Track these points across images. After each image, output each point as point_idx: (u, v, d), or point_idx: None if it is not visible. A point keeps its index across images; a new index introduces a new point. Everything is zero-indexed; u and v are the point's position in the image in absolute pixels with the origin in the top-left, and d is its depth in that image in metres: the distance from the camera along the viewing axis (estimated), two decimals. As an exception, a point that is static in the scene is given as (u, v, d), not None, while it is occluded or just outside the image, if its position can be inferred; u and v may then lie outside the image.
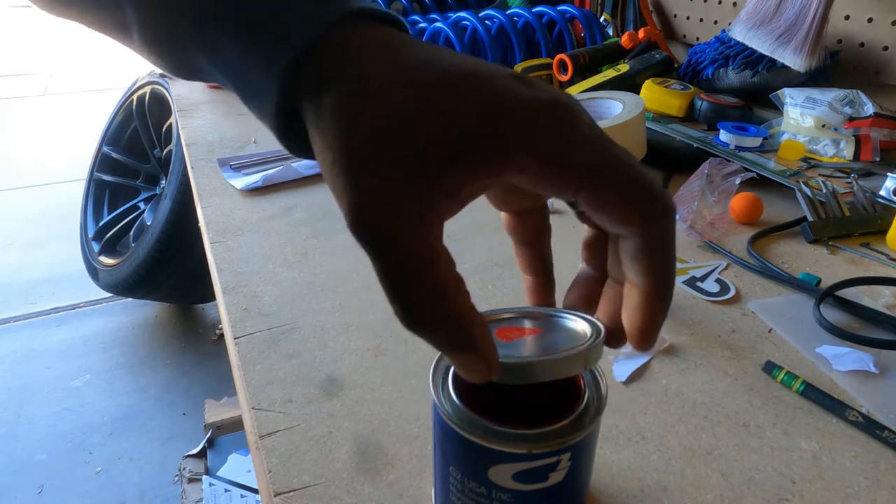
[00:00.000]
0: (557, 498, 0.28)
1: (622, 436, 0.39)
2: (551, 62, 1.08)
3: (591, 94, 0.87)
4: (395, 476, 0.36)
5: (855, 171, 0.77)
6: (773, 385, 0.44)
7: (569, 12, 1.16)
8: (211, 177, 0.80)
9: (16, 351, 1.89)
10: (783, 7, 0.90)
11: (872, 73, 0.93)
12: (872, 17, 0.91)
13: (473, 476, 0.27)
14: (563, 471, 0.27)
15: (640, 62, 1.02)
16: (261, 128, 1.01)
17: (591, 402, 0.28)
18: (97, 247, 1.93)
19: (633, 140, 0.79)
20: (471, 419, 0.26)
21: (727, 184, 0.67)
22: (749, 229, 0.66)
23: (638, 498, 0.35)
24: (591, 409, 0.28)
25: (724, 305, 0.53)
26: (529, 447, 0.25)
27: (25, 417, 1.64)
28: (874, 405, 0.42)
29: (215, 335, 1.94)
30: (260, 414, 0.41)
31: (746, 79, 0.96)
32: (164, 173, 1.87)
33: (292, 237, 0.65)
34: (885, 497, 0.35)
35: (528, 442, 0.25)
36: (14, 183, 3.05)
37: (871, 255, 0.62)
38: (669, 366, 0.46)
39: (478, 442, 0.26)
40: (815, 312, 0.51)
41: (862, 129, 0.79)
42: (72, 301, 2.12)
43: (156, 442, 1.57)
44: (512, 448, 0.25)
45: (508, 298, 0.54)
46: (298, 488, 0.36)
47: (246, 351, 0.47)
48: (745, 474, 0.37)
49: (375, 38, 0.23)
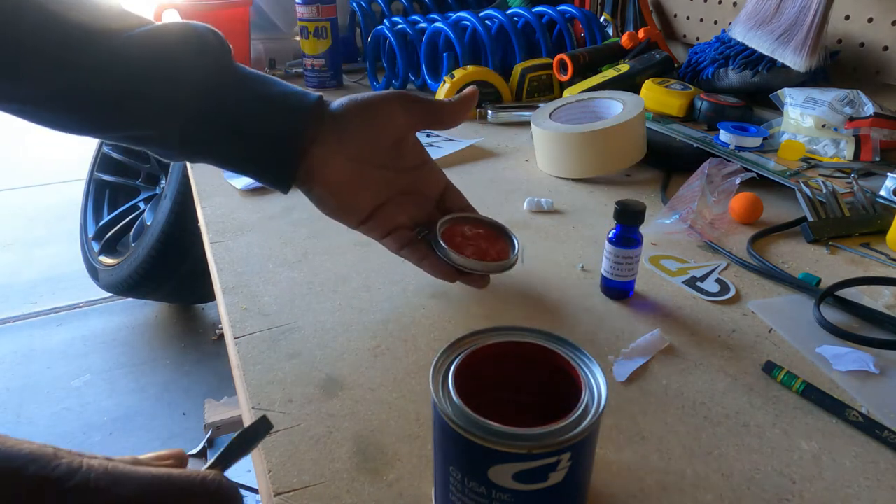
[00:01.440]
0: (557, 497, 0.28)
1: (622, 436, 0.39)
2: (551, 62, 1.08)
3: (591, 94, 0.87)
4: (395, 476, 0.36)
5: (855, 171, 0.77)
6: (773, 385, 0.44)
7: (569, 12, 1.16)
8: (211, 177, 0.80)
9: (16, 351, 1.89)
10: (783, 7, 0.90)
11: (872, 73, 0.93)
12: (872, 17, 0.91)
13: (473, 476, 0.27)
14: (564, 471, 0.27)
15: (640, 62, 1.02)
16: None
17: (590, 401, 0.28)
18: (97, 247, 1.93)
19: (633, 140, 0.79)
20: (471, 419, 0.26)
21: (727, 184, 0.67)
22: (749, 229, 0.66)
23: (638, 498, 0.35)
24: (591, 408, 0.28)
25: (724, 305, 0.53)
26: (529, 447, 0.25)
27: (25, 417, 1.64)
28: (874, 405, 0.42)
29: (215, 335, 1.94)
30: (260, 414, 0.41)
31: (746, 79, 0.96)
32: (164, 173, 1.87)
33: (292, 237, 0.65)
34: (885, 497, 0.35)
35: (527, 442, 0.25)
36: (14, 183, 3.05)
37: (871, 255, 0.62)
38: (669, 366, 0.46)
39: (477, 442, 0.26)
40: (815, 312, 0.51)
41: (862, 129, 0.79)
42: (72, 301, 2.12)
43: (156, 442, 1.57)
44: (512, 448, 0.25)
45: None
46: (298, 488, 0.36)
47: (246, 351, 0.47)
48: (745, 474, 0.37)
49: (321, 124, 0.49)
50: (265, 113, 0.46)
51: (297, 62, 1.36)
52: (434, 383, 0.28)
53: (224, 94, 0.46)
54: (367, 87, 1.27)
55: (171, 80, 0.44)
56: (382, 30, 1.16)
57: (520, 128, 1.01)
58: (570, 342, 0.31)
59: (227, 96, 0.46)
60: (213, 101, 0.46)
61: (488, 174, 0.82)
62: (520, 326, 0.32)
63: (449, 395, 0.28)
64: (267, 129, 0.47)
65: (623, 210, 0.51)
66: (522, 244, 0.57)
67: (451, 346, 0.31)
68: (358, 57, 1.42)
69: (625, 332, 0.49)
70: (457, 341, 0.31)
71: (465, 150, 0.89)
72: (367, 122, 0.48)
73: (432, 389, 0.28)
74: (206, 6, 1.17)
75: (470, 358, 0.30)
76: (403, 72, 1.17)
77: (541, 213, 0.71)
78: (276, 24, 1.39)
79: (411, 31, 1.15)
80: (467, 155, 0.88)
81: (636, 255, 0.52)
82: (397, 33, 1.14)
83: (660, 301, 0.54)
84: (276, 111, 0.47)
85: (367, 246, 0.60)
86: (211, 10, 1.18)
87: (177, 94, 0.44)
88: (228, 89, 0.46)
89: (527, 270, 0.58)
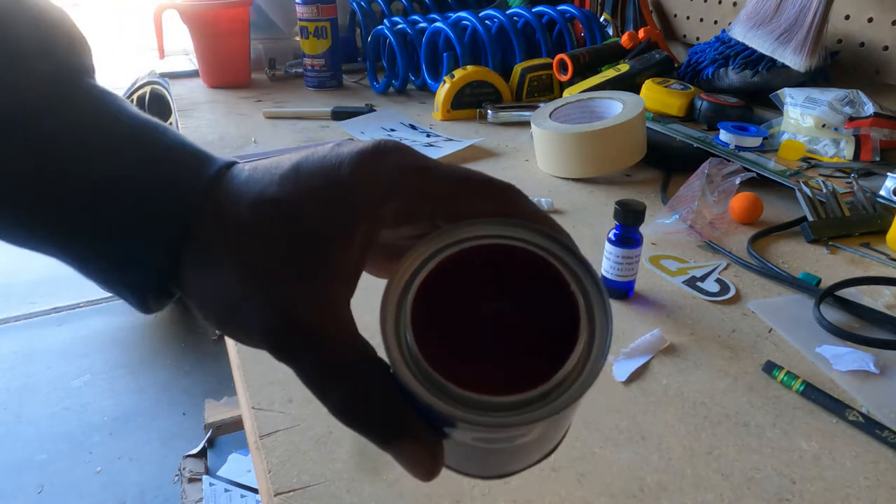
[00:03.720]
0: (525, 452, 0.24)
1: (622, 436, 0.39)
2: (551, 62, 1.08)
3: (591, 94, 0.87)
4: (395, 476, 0.36)
5: (855, 170, 0.77)
6: (773, 385, 0.44)
7: (569, 12, 1.16)
8: (211, 177, 0.80)
9: (16, 351, 1.89)
10: (783, 7, 0.90)
11: (872, 72, 0.93)
12: (872, 17, 0.91)
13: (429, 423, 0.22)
14: (534, 435, 0.22)
15: (640, 62, 1.02)
16: (261, 127, 1.01)
17: (583, 359, 0.20)
18: (97, 247, 1.93)
19: (633, 140, 0.79)
20: (430, 378, 0.20)
21: (727, 184, 0.67)
22: (749, 229, 0.66)
23: (638, 498, 0.35)
24: (584, 370, 0.20)
25: (724, 305, 0.53)
26: (500, 423, 0.20)
27: (25, 417, 1.64)
28: (874, 405, 0.42)
29: (215, 335, 1.94)
30: (260, 414, 0.41)
31: (746, 79, 0.96)
32: (164, 173, 1.87)
33: (292, 237, 0.65)
34: (885, 497, 0.35)
35: (499, 416, 0.19)
36: (14, 183, 3.05)
37: (871, 255, 0.61)
38: (669, 366, 0.46)
39: (434, 407, 0.20)
40: (815, 312, 0.51)
41: (862, 129, 0.79)
42: (72, 301, 2.12)
43: (156, 442, 1.57)
44: (477, 422, 0.20)
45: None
46: (298, 488, 0.36)
47: (246, 351, 0.47)
48: (745, 474, 0.37)
49: (215, 199, 0.23)
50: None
51: (296, 62, 1.36)
52: (385, 318, 0.22)
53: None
54: (367, 87, 1.27)
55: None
56: (382, 30, 1.16)
57: (520, 128, 1.01)
58: (571, 247, 0.22)
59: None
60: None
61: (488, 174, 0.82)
62: (500, 220, 0.23)
63: (405, 342, 0.21)
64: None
65: (623, 210, 0.51)
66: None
67: (416, 251, 0.22)
68: (358, 57, 1.43)
69: (625, 332, 0.49)
70: (427, 239, 0.22)
71: (465, 150, 0.89)
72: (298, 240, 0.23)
73: (382, 330, 0.22)
74: (206, 6, 1.17)
75: (437, 271, 0.22)
76: (403, 72, 1.17)
77: (541, 213, 0.71)
78: (276, 24, 1.39)
79: (411, 31, 1.15)
80: (467, 155, 0.88)
81: (636, 255, 0.52)
82: (397, 33, 1.14)
83: (660, 301, 0.54)
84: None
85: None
86: (211, 10, 1.18)
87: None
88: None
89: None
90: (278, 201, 0.22)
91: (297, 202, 0.22)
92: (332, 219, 0.22)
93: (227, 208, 0.23)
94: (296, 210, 0.22)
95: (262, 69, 1.37)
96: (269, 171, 0.24)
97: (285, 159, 0.24)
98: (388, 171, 0.23)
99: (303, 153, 0.24)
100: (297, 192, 0.22)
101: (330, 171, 0.23)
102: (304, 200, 0.22)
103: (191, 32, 1.22)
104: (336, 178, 0.22)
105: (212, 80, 1.27)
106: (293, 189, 0.23)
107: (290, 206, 0.22)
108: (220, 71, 1.26)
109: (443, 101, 1.04)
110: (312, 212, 0.22)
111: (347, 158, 0.23)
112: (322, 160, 0.23)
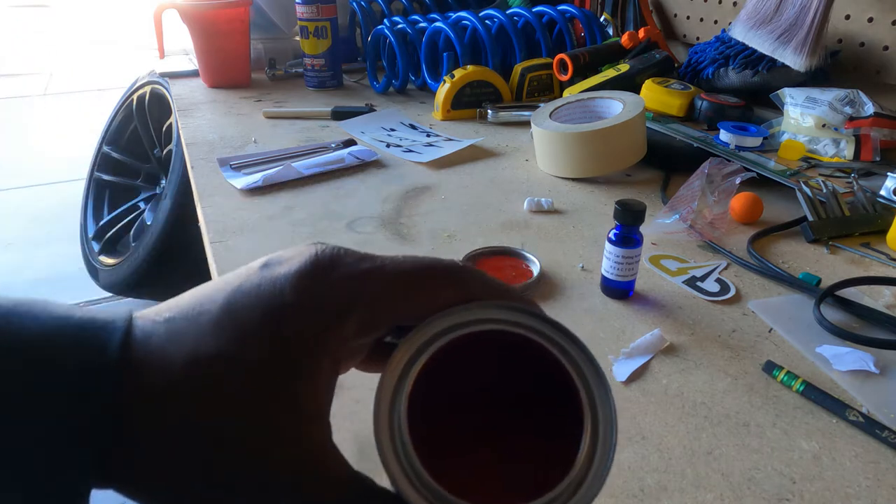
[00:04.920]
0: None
1: (622, 436, 0.39)
2: (551, 62, 1.08)
3: (591, 94, 0.87)
4: (395, 476, 0.36)
5: (855, 170, 0.77)
6: (773, 385, 0.44)
7: (569, 12, 1.16)
8: (211, 176, 0.80)
9: (16, 351, 1.89)
10: (783, 7, 0.90)
11: (872, 72, 0.93)
12: (872, 16, 0.91)
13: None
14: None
15: (641, 62, 1.02)
16: (261, 127, 1.01)
17: (588, 459, 0.20)
18: (97, 246, 1.93)
19: (633, 140, 0.79)
20: (431, 487, 0.20)
21: (727, 183, 0.67)
22: (749, 229, 0.66)
23: (638, 498, 0.35)
24: (589, 474, 0.20)
25: (724, 305, 0.53)
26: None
27: (25, 417, 1.64)
28: (874, 405, 0.42)
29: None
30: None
31: (747, 78, 0.96)
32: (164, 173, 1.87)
33: (292, 237, 0.65)
34: (885, 497, 0.35)
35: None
36: (14, 183, 3.05)
37: (871, 255, 0.61)
38: (669, 366, 0.46)
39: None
40: (815, 312, 0.51)
41: (862, 129, 0.79)
42: (72, 301, 2.12)
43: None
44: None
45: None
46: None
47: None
48: (745, 474, 0.37)
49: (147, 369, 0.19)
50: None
51: (296, 62, 1.36)
52: (380, 429, 0.21)
53: None
54: (368, 86, 1.27)
55: None
56: (382, 29, 1.16)
57: (520, 128, 1.01)
58: (570, 334, 0.21)
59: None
60: None
61: (488, 174, 0.82)
62: (495, 303, 0.21)
63: (403, 457, 0.21)
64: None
65: (623, 210, 0.51)
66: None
67: (396, 357, 0.21)
68: (358, 57, 1.42)
69: (625, 332, 0.49)
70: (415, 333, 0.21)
71: (465, 149, 0.89)
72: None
73: (379, 448, 0.21)
74: (206, 6, 1.17)
75: (425, 372, 0.21)
76: (403, 72, 1.17)
77: (541, 213, 0.71)
78: (276, 24, 1.39)
79: (411, 31, 1.15)
80: (467, 155, 0.88)
81: (636, 254, 0.52)
82: (397, 33, 1.14)
83: (660, 301, 0.54)
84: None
85: (367, 246, 0.60)
86: (211, 10, 1.18)
87: None
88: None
89: (527, 270, 0.58)
90: (219, 357, 0.19)
91: (241, 353, 0.19)
92: (286, 360, 0.19)
93: (153, 382, 0.18)
94: (243, 363, 0.19)
95: (262, 69, 1.37)
96: (194, 321, 0.19)
97: (206, 300, 0.20)
98: (333, 288, 0.20)
99: (225, 287, 0.20)
100: (238, 339, 0.19)
101: (269, 304, 0.19)
102: (249, 347, 0.19)
103: (191, 32, 1.22)
104: (279, 313, 0.19)
105: (212, 79, 1.27)
106: (232, 337, 0.19)
107: (234, 360, 0.19)
108: (220, 71, 1.26)
109: (443, 100, 1.04)
110: (262, 359, 0.19)
111: (286, 285, 0.20)
112: (256, 292, 0.20)
